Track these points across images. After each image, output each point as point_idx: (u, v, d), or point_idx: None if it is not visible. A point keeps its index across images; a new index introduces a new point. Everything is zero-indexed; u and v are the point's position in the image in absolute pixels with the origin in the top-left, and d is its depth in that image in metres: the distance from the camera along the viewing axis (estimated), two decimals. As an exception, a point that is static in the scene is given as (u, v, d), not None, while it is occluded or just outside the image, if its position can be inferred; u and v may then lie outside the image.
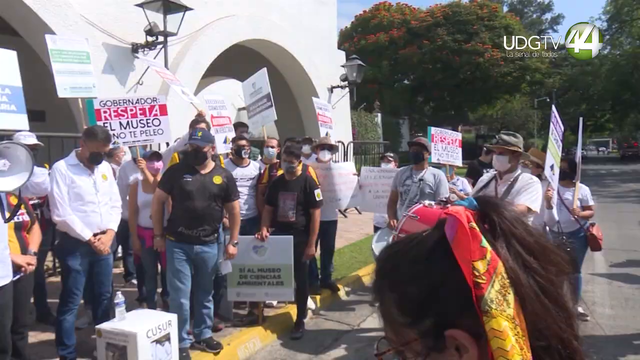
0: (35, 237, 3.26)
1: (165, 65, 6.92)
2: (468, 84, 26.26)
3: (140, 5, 6.81)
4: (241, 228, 4.60)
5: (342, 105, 12.26)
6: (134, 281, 5.21)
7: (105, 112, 4.21)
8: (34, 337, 3.79)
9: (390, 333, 0.62)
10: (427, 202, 4.13)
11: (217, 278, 4.15)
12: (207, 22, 8.50)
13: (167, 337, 3.47)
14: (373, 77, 24.19)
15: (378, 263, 0.66)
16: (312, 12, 11.61)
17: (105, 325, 3.35)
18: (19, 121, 3.54)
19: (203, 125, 4.26)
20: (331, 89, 11.95)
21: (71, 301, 3.43)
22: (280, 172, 4.72)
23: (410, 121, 29.79)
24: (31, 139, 3.98)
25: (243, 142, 4.77)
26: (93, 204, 3.47)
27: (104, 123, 4.13)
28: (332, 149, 5.55)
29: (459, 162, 5.95)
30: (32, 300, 3.87)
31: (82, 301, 3.80)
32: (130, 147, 4.64)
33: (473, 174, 5.87)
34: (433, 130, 5.87)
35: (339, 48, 13.26)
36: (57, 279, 5.35)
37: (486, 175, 3.95)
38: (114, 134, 4.23)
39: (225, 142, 5.21)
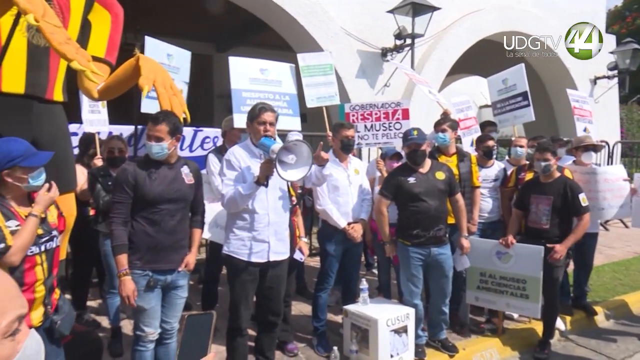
0: (300, 223, 3.81)
1: (412, 66, 7.15)
2: None
3: (391, 11, 7.20)
4: (482, 231, 4.42)
5: (608, 98, 10.46)
6: (375, 270, 5.58)
7: (353, 115, 4.62)
8: (294, 307, 4.43)
9: None
10: None
11: (457, 280, 4.07)
12: (453, 19, 8.41)
13: (404, 329, 3.60)
14: (652, 62, 19.80)
15: None
16: (574, -7, 10.22)
17: (351, 307, 3.69)
18: (294, 122, 4.24)
19: (445, 125, 4.22)
20: (594, 81, 10.32)
21: (326, 281, 3.87)
22: (529, 175, 4.33)
23: None
24: (298, 137, 4.70)
25: (491, 142, 4.55)
26: (347, 195, 3.82)
27: None
28: (596, 149, 4.79)
29: None
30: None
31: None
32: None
33: None
34: None
35: (606, 31, 11.32)
36: (311, 259, 6.16)
37: None
38: (358, 136, 4.60)
39: (472, 144, 5.06)
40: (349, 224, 3.79)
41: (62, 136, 2.80)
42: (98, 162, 4.00)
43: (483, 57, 9.72)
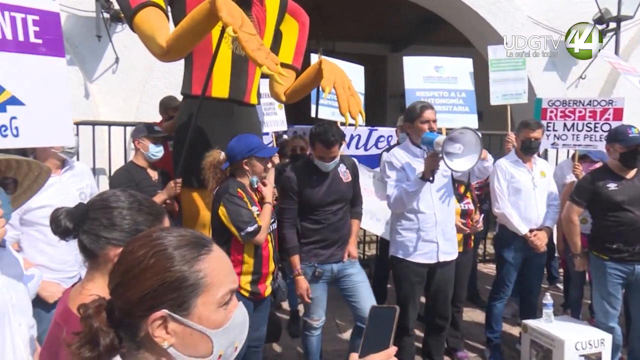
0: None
1: (616, 53, 6.17)
2: None
3: (591, -8, 6.32)
4: None
5: None
6: (559, 285, 5.00)
7: (551, 111, 4.15)
8: (465, 314, 4.22)
9: None
10: None
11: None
12: (676, -6, 6.97)
13: (597, 357, 3.13)
14: None
15: None
16: None
17: (531, 323, 3.35)
18: (470, 120, 4.04)
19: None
20: None
21: (502, 290, 3.61)
22: None
23: None
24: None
25: None
26: (530, 199, 3.51)
27: (547, 123, 4.09)
28: None
29: None
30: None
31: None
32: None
33: None
34: None
35: None
36: (485, 265, 5.81)
37: None
38: (555, 135, 4.15)
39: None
40: (531, 230, 3.47)
41: (256, 135, 3.15)
42: (275, 159, 4.42)
43: None
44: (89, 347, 0.80)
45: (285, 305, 4.36)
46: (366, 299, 2.92)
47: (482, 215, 3.56)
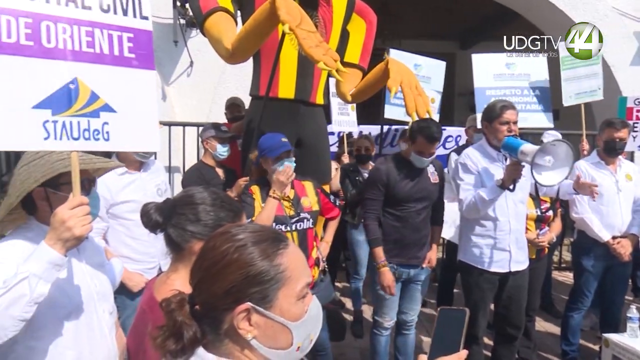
0: (555, 232, 3.40)
1: None
2: None
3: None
4: None
5: None
6: (646, 298, 4.62)
7: (638, 110, 3.86)
8: (538, 323, 4.01)
9: None
10: None
11: None
12: None
13: (691, 378, 2.85)
14: None
15: None
16: None
17: (614, 337, 3.11)
18: (544, 119, 3.83)
19: None
20: None
21: (581, 301, 3.40)
22: None
23: None
24: (556, 138, 4.21)
25: None
26: (613, 204, 3.27)
27: (634, 123, 3.79)
28: None
29: None
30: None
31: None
32: None
33: None
34: None
35: None
36: (560, 273, 5.48)
37: None
38: (637, 136, 3.84)
39: None
40: (613, 237, 3.22)
41: (322, 135, 3.17)
42: (345, 159, 4.41)
43: None
44: (174, 340, 0.84)
45: (349, 305, 4.37)
46: (416, 311, 3.03)
47: (546, 230, 3.32)
